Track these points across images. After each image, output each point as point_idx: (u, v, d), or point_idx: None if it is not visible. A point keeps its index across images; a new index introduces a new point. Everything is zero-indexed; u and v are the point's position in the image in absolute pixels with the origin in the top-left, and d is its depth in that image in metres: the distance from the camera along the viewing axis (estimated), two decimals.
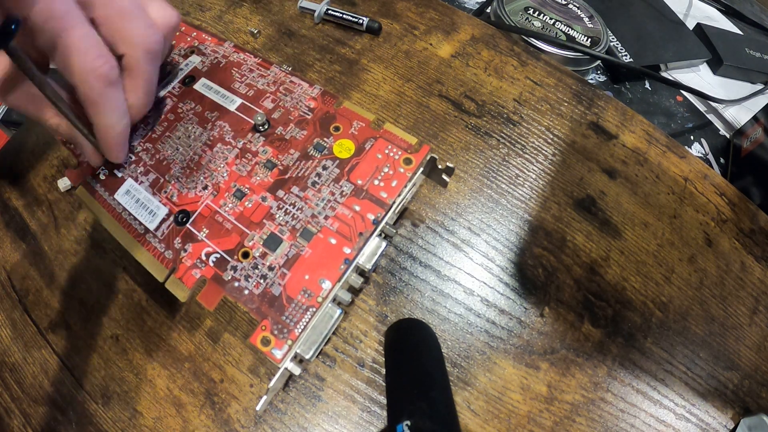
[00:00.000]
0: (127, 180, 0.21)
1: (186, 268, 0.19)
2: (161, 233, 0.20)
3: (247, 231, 0.19)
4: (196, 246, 0.19)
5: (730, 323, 0.26)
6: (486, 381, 0.23)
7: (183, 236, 0.20)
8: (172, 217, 0.20)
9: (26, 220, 0.26)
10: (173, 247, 0.19)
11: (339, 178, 0.20)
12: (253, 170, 0.21)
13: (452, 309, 0.24)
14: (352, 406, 0.22)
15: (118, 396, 0.21)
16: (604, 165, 0.29)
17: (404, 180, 0.20)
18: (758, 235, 0.29)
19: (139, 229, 0.20)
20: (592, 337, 0.24)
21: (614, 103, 0.32)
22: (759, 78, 0.43)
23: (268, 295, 0.18)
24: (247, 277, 0.19)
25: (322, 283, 0.18)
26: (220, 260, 0.19)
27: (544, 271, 0.25)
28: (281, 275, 0.18)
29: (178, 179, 0.21)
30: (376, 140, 0.21)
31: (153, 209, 0.20)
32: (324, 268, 0.19)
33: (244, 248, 0.19)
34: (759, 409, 0.24)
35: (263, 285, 0.18)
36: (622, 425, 0.22)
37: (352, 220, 0.19)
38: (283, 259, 0.19)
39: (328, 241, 0.19)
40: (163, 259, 0.19)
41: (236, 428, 0.21)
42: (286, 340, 0.17)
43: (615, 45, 0.40)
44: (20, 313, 0.23)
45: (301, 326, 0.18)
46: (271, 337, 0.17)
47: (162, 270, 0.19)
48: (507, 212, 0.27)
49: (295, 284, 0.18)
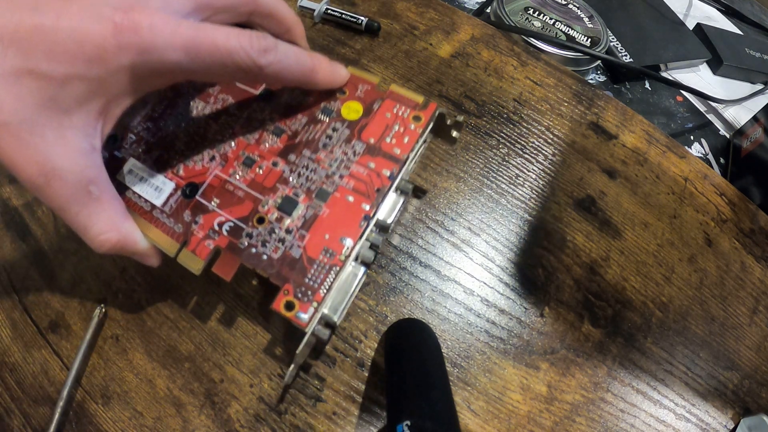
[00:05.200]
0: (129, 160, 0.20)
1: (198, 240, 0.18)
2: (169, 208, 0.19)
3: (260, 197, 0.19)
4: (208, 217, 0.19)
5: (730, 323, 0.26)
6: (486, 381, 0.23)
7: (192, 208, 0.19)
8: (179, 191, 0.19)
9: (26, 220, 0.26)
10: (183, 221, 0.19)
11: (350, 138, 0.20)
12: (261, 138, 0.20)
13: (452, 309, 0.24)
14: (352, 406, 0.22)
15: (118, 396, 0.21)
16: (604, 165, 0.29)
17: (416, 136, 0.20)
18: (758, 235, 0.29)
19: (146, 207, 0.19)
20: (592, 337, 0.24)
21: (614, 103, 0.32)
22: (759, 78, 0.43)
23: (288, 258, 0.17)
24: (264, 243, 0.18)
25: (343, 241, 0.18)
26: (234, 228, 0.18)
27: (544, 271, 0.25)
28: (300, 237, 0.18)
29: (182, 153, 0.20)
30: (383, 100, 0.21)
31: (158, 185, 0.20)
32: (344, 226, 0.18)
33: (259, 214, 0.18)
34: (759, 409, 0.24)
35: (282, 249, 0.18)
36: (622, 425, 0.22)
37: (368, 177, 0.19)
38: (300, 221, 0.18)
39: (346, 199, 0.19)
40: (173, 234, 0.18)
41: (236, 428, 0.21)
42: (311, 302, 0.16)
43: (615, 45, 0.40)
44: (20, 313, 0.23)
45: (326, 287, 0.17)
46: (295, 301, 0.17)
47: (173, 244, 0.18)
48: (507, 212, 0.27)
49: (315, 245, 0.18)
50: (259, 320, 0.23)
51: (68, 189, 0.16)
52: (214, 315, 0.23)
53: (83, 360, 0.21)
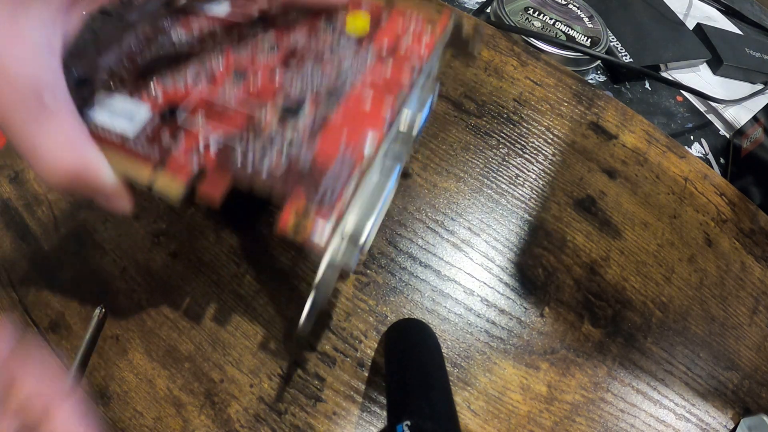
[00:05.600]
0: (97, 92, 0.17)
1: (178, 161, 0.15)
2: (144, 135, 0.16)
3: (257, 106, 0.16)
4: (191, 136, 0.16)
5: (730, 323, 0.26)
6: (486, 381, 0.23)
7: (173, 131, 0.16)
8: (157, 116, 0.16)
9: (26, 220, 0.26)
10: (160, 144, 0.15)
11: (359, 49, 0.18)
12: (255, 54, 0.18)
13: (452, 309, 0.24)
14: (352, 406, 0.22)
15: (118, 396, 0.21)
16: (604, 165, 0.29)
17: (432, 42, 0.18)
18: (758, 235, 0.29)
19: (115, 139, 0.16)
20: (592, 337, 0.24)
21: (614, 103, 0.32)
22: (759, 78, 0.43)
23: (295, 168, 0.14)
24: (263, 156, 0.15)
25: (364, 140, 0.15)
26: (225, 144, 0.15)
27: (544, 271, 0.25)
28: (309, 143, 0.15)
29: (161, 79, 0.17)
30: (391, 12, 0.19)
31: (131, 112, 0.17)
32: (363, 126, 0.15)
33: (255, 125, 0.16)
34: (759, 409, 0.24)
35: (286, 160, 0.15)
36: (622, 425, 0.22)
37: (385, 82, 0.17)
38: (308, 124, 0.15)
39: (362, 100, 0.16)
40: (147, 159, 0.15)
41: (236, 428, 0.21)
42: (327, 216, 0.13)
43: (615, 45, 0.40)
44: (20, 313, 0.23)
45: (347, 194, 0.14)
46: (304, 219, 0.13)
47: (146, 170, 0.15)
48: (507, 212, 0.27)
49: (328, 149, 0.15)
50: (260, 320, 0.23)
51: (16, 94, 0.13)
52: (215, 315, 0.23)
53: (83, 360, 0.21)
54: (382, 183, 0.15)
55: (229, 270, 0.24)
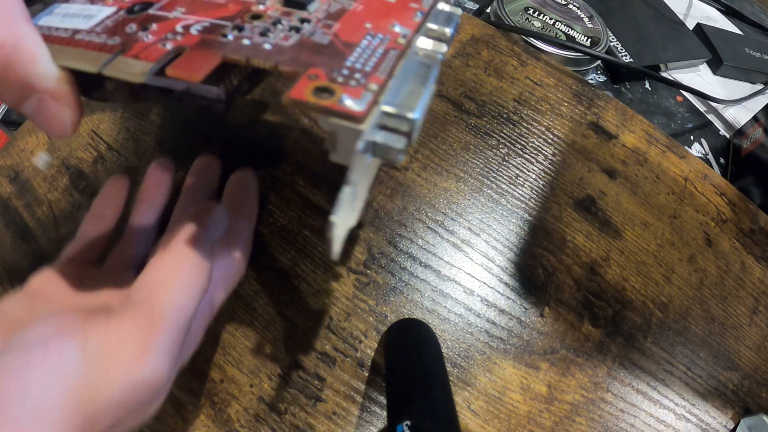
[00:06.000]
0: (50, 5, 0.14)
1: (145, 45, 0.12)
2: (102, 27, 0.13)
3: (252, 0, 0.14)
4: (165, 23, 0.13)
5: (730, 323, 0.26)
6: (486, 381, 0.23)
7: (141, 21, 0.13)
8: (122, 11, 0.14)
9: (26, 220, 0.26)
10: (122, 33, 0.13)
11: None
12: None
13: (452, 309, 0.24)
14: (352, 406, 0.22)
15: None
16: (604, 165, 0.29)
17: None
18: (758, 235, 0.29)
19: (64, 35, 0.13)
20: (592, 337, 0.24)
21: (614, 103, 0.32)
22: (759, 78, 0.43)
23: (309, 43, 0.12)
24: (265, 33, 0.12)
25: (394, 28, 0.13)
26: (212, 27, 0.13)
27: (544, 271, 0.25)
28: (325, 26, 0.13)
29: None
30: None
31: (89, 14, 0.14)
32: (390, 17, 0.13)
33: (253, 12, 0.13)
34: (759, 409, 0.24)
35: (296, 36, 0.12)
36: (622, 425, 0.22)
37: None
38: (322, 13, 0.13)
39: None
40: (103, 47, 0.12)
41: (236, 428, 0.21)
42: (364, 86, 0.10)
43: (615, 45, 0.40)
44: None
45: (384, 69, 0.11)
46: (333, 85, 0.10)
47: (98, 57, 0.12)
48: (507, 212, 0.27)
49: (351, 31, 0.12)
50: (260, 320, 0.23)
51: None
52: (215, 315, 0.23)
53: None
54: (429, 55, 0.13)
55: None
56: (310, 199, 0.25)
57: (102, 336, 0.13)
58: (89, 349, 0.13)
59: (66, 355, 0.13)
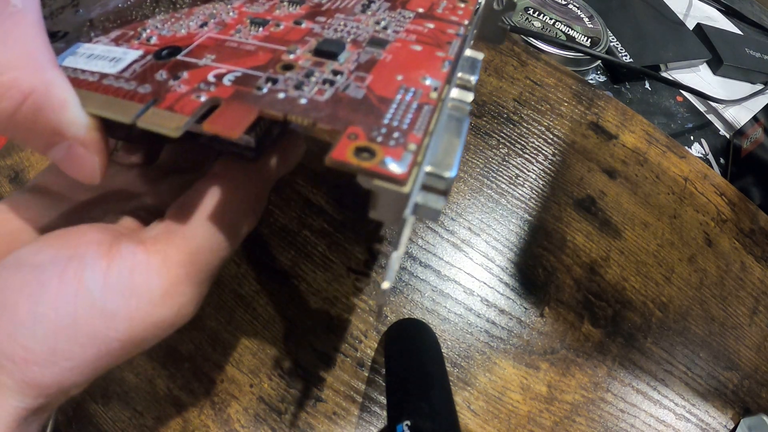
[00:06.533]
0: (75, 44, 0.14)
1: (179, 95, 0.12)
2: (131, 73, 0.13)
3: (283, 48, 0.14)
4: (196, 72, 0.13)
5: (730, 323, 0.26)
6: (486, 381, 0.23)
7: (171, 68, 0.13)
8: (150, 55, 0.14)
9: None
10: (153, 81, 0.13)
11: (393, 7, 0.16)
12: (274, 7, 0.16)
13: (452, 309, 0.24)
14: (352, 406, 0.22)
15: (118, 396, 0.21)
16: (604, 165, 0.29)
17: (468, 11, 0.16)
18: (758, 235, 0.29)
19: (91, 79, 0.13)
20: (592, 337, 0.24)
21: (614, 103, 0.32)
22: (759, 78, 0.43)
23: (346, 98, 0.12)
24: (300, 86, 0.12)
25: (425, 81, 0.13)
26: (244, 77, 0.13)
27: (544, 271, 0.25)
28: (358, 78, 0.13)
29: (157, 27, 0.15)
30: None
31: (116, 57, 0.14)
32: (419, 68, 0.13)
33: (284, 62, 0.13)
34: (759, 409, 0.24)
35: (331, 90, 0.12)
36: (622, 425, 0.22)
37: (431, 33, 0.15)
38: (353, 64, 0.13)
39: (411, 48, 0.14)
40: (134, 96, 0.12)
41: (236, 428, 0.21)
42: (403, 146, 0.10)
43: (615, 45, 0.40)
44: None
45: (421, 126, 0.11)
46: (373, 145, 0.10)
47: (130, 107, 0.12)
48: (507, 212, 0.27)
49: (384, 85, 0.12)
50: (259, 320, 0.23)
51: None
52: (214, 315, 0.23)
53: None
54: (456, 111, 0.13)
55: (229, 270, 0.24)
56: (310, 199, 0.25)
57: (127, 268, 0.12)
58: (111, 280, 0.12)
59: (85, 284, 0.11)
